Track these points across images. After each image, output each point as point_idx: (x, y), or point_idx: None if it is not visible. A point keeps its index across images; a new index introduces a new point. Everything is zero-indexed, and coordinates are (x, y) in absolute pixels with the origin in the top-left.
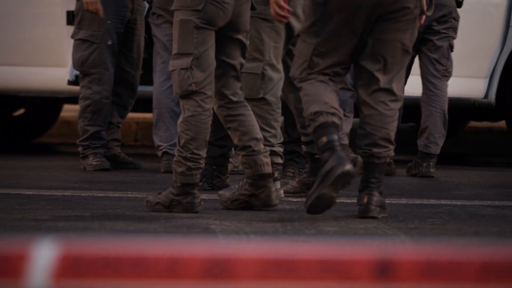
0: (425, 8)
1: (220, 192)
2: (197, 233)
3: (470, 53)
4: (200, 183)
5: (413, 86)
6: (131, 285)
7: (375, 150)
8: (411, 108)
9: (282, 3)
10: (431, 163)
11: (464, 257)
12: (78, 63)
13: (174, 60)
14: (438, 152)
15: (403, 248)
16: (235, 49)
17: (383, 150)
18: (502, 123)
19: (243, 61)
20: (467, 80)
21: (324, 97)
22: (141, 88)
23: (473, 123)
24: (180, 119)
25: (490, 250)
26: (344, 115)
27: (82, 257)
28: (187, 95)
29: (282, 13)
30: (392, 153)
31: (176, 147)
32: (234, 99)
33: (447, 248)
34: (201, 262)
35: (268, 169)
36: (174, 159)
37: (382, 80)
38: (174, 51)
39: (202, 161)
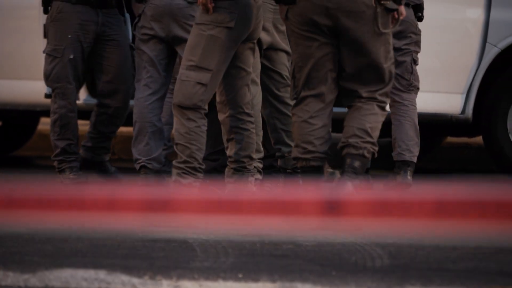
0: (380, 27)
1: None
2: (174, 246)
3: (447, 68)
4: None
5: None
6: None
7: (351, 140)
8: (389, 124)
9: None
10: (408, 171)
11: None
12: (44, 77)
13: (190, 71)
14: (414, 160)
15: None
16: (249, 56)
17: (360, 140)
18: (479, 139)
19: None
20: (444, 96)
21: (304, 140)
22: None
23: (450, 139)
24: (182, 130)
25: (442, 190)
26: None
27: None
28: (191, 107)
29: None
30: (370, 147)
31: (153, 160)
32: (247, 110)
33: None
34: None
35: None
36: (177, 171)
37: (361, 90)
38: (190, 62)
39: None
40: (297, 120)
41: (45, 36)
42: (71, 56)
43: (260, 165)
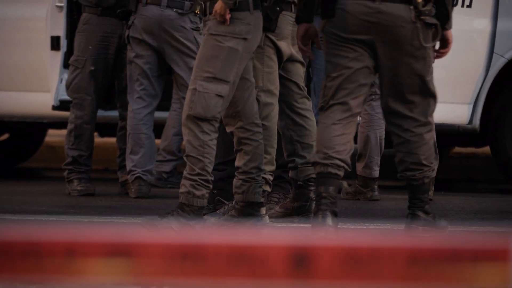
0: (422, 42)
1: (205, 217)
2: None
3: (454, 79)
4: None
5: None
6: None
7: (409, 173)
8: None
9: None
10: (375, 187)
11: (387, 245)
12: (65, 87)
13: (208, 82)
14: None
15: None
16: (251, 67)
17: (417, 172)
18: (486, 149)
19: None
20: (452, 106)
21: (326, 145)
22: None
23: (457, 149)
24: (196, 142)
25: (414, 240)
26: None
27: None
28: (208, 119)
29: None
30: (429, 173)
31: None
32: (256, 121)
33: (368, 236)
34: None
35: (258, 198)
36: (190, 182)
37: (402, 109)
38: (208, 74)
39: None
40: (319, 127)
41: (53, 48)
42: (92, 68)
43: (271, 178)
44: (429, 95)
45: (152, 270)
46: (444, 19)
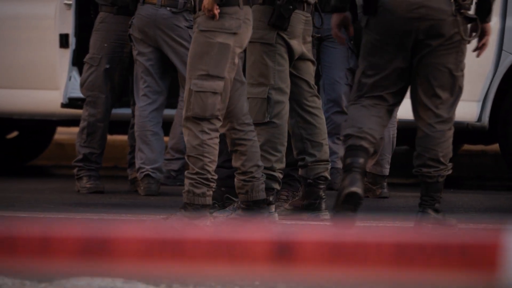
0: (463, 35)
1: (214, 214)
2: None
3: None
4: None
5: (406, 109)
6: None
7: (425, 170)
8: (405, 131)
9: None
10: (384, 184)
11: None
12: (80, 85)
13: (202, 80)
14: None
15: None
16: (240, 66)
17: (433, 170)
18: (495, 146)
19: None
20: (461, 104)
21: (359, 122)
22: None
23: (466, 146)
24: (195, 142)
25: (400, 233)
26: (339, 139)
27: None
28: (207, 118)
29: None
30: (445, 172)
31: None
32: (247, 120)
33: (352, 230)
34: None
35: (263, 195)
36: (190, 181)
37: (428, 102)
38: (201, 71)
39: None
40: (352, 109)
41: (62, 45)
42: (107, 66)
43: (280, 176)
44: (456, 92)
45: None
46: (486, 13)
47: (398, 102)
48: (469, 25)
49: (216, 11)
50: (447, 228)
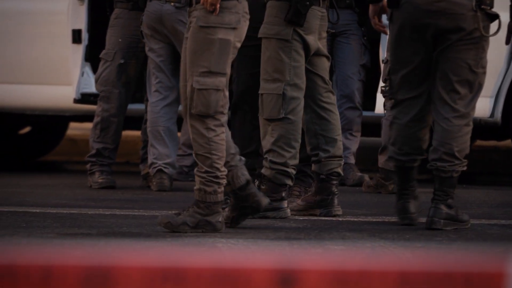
0: (482, 31)
1: (227, 209)
2: (204, 251)
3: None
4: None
5: None
6: None
7: (439, 164)
8: None
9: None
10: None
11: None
12: (95, 80)
13: (204, 77)
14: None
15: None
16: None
17: (447, 164)
18: (508, 142)
19: None
20: None
21: (404, 139)
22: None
23: (479, 142)
24: (201, 140)
25: (405, 260)
26: (352, 134)
27: None
28: (211, 115)
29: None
30: (460, 168)
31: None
32: (222, 109)
33: (356, 257)
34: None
35: (244, 178)
36: (200, 179)
37: (446, 97)
38: (203, 68)
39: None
40: (395, 122)
41: (74, 41)
42: (121, 61)
43: (293, 172)
44: (476, 89)
45: None
46: None
47: (429, 100)
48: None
49: (218, 5)
50: (459, 225)
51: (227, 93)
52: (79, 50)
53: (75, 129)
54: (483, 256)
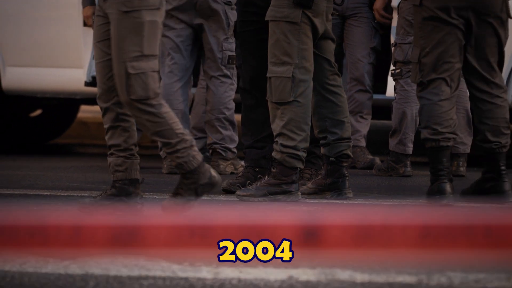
0: (510, 13)
1: (238, 193)
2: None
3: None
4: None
5: None
6: None
7: (503, 140)
8: None
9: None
10: (461, 162)
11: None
12: None
13: (138, 62)
14: (467, 151)
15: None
16: None
17: (506, 138)
18: None
19: None
20: None
21: (435, 118)
22: None
23: None
24: (154, 118)
25: (425, 215)
26: (362, 117)
27: None
28: (151, 97)
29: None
30: (506, 144)
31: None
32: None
33: (378, 211)
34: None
35: (139, 175)
36: (175, 154)
37: (489, 76)
38: (136, 53)
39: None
40: (426, 103)
41: (85, 24)
42: None
43: (304, 155)
44: (501, 68)
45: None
46: None
47: (458, 84)
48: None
49: None
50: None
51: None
52: (90, 33)
53: (86, 112)
54: (503, 209)
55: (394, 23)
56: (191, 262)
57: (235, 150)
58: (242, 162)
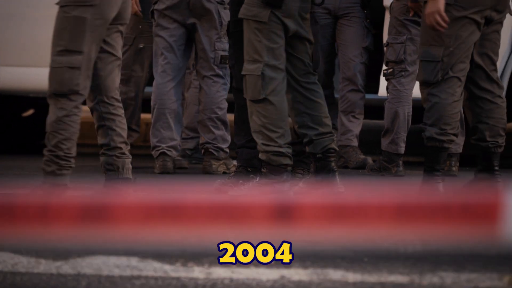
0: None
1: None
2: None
3: None
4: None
5: None
6: None
7: (500, 141)
8: (421, 110)
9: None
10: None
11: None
12: None
13: (60, 56)
14: (459, 151)
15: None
16: (118, 40)
17: (501, 139)
18: (510, 124)
19: None
20: None
21: (446, 118)
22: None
23: None
24: (52, 118)
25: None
26: (354, 117)
27: None
28: (65, 94)
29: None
30: (502, 143)
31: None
32: (116, 96)
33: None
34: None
35: (130, 174)
36: (44, 158)
37: (493, 75)
38: (60, 47)
39: (73, 161)
40: (438, 101)
41: None
42: (141, 46)
43: (289, 150)
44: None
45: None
46: None
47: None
48: None
49: None
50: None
51: (89, 74)
52: None
53: (86, 111)
54: (480, 187)
55: (386, 22)
56: (183, 263)
57: (227, 150)
58: (235, 162)
